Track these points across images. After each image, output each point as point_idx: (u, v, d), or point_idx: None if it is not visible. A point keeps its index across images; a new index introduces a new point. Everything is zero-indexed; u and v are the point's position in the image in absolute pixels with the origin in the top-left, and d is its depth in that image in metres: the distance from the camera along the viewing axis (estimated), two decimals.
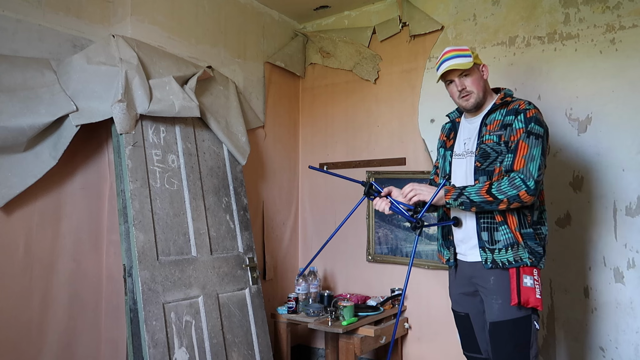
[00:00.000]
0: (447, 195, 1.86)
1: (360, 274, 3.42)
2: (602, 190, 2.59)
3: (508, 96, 1.98)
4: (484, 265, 1.89)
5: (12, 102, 2.08)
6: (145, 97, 2.35)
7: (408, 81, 3.28)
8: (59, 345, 2.33)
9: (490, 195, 1.79)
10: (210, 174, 2.73)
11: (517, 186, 1.77)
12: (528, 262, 1.82)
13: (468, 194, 1.83)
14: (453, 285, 2.11)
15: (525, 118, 1.85)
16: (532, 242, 1.85)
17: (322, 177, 3.65)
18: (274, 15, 3.57)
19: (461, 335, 2.11)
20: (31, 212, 2.25)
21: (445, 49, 1.99)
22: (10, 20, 2.18)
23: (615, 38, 2.58)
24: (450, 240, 2.07)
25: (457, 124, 2.13)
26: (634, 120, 2.52)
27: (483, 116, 1.98)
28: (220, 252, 2.64)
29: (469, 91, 1.96)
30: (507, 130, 1.88)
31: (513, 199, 1.77)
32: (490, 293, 1.89)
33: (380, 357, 3.28)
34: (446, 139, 2.16)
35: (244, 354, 2.57)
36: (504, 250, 1.85)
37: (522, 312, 1.83)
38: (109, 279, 2.53)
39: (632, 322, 2.49)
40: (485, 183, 1.83)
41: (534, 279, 1.82)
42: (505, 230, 1.85)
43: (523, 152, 1.81)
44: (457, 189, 1.86)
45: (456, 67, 1.91)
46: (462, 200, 1.84)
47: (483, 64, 1.99)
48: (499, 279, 1.87)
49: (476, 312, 2.01)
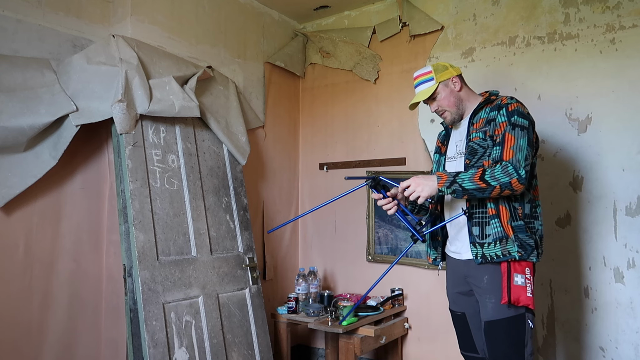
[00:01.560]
0: (440, 183, 1.84)
1: (360, 274, 3.42)
2: (602, 190, 2.59)
3: (492, 95, 2.02)
4: (474, 260, 1.90)
5: (12, 102, 2.08)
6: (145, 97, 2.35)
7: (408, 81, 3.28)
8: (59, 346, 2.33)
9: (483, 181, 1.79)
10: (210, 174, 2.73)
11: (509, 173, 1.77)
12: (517, 256, 1.82)
13: (461, 181, 1.82)
14: (450, 285, 2.13)
15: (507, 112, 1.88)
16: (524, 234, 1.84)
17: (322, 177, 3.65)
18: (274, 15, 3.57)
19: (458, 335, 2.13)
20: (31, 212, 2.25)
21: (414, 74, 2.09)
22: (10, 20, 2.18)
23: (615, 38, 2.58)
24: (438, 240, 2.13)
25: (450, 130, 2.17)
26: (634, 120, 2.52)
27: (470, 116, 2.02)
28: (220, 252, 2.64)
29: (442, 110, 2.04)
30: (492, 125, 1.91)
31: (505, 186, 1.78)
32: (483, 292, 1.91)
33: (380, 357, 3.28)
34: (441, 145, 2.20)
35: (244, 354, 2.57)
36: (492, 245, 1.86)
37: (515, 311, 1.83)
38: (109, 279, 2.53)
39: (632, 322, 2.49)
40: (478, 169, 1.83)
41: (525, 277, 1.82)
42: (496, 224, 1.86)
43: (510, 143, 1.83)
44: (450, 176, 1.84)
45: (418, 100, 2.04)
46: (454, 188, 1.83)
47: (452, 77, 2.03)
48: (491, 278, 1.88)
49: (472, 312, 2.03)
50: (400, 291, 3.16)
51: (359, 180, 2.10)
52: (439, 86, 2.01)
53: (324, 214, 3.60)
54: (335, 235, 3.56)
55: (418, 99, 2.05)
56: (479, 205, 1.91)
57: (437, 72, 2.02)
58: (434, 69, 2.03)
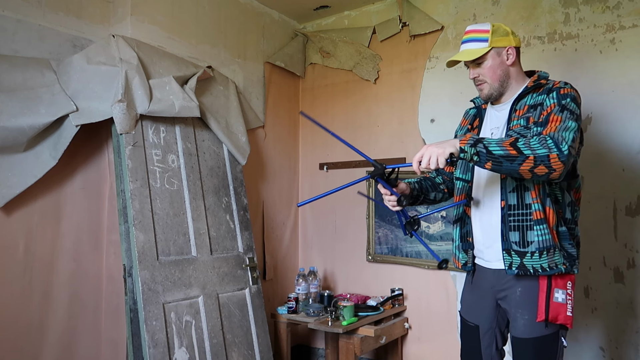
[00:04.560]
0: (462, 141, 1.52)
1: (360, 274, 3.42)
2: (602, 190, 2.59)
3: (542, 78, 1.71)
4: (507, 270, 1.65)
5: (12, 102, 2.08)
6: (145, 97, 2.35)
7: (408, 81, 3.28)
8: (59, 345, 2.33)
9: (514, 148, 1.47)
10: (210, 174, 2.73)
11: (548, 146, 1.47)
12: (562, 269, 1.60)
13: (487, 143, 1.50)
14: (468, 292, 1.89)
15: (559, 95, 1.60)
16: (567, 242, 1.63)
17: (322, 177, 3.65)
18: (274, 15, 3.57)
19: (464, 345, 1.89)
20: (31, 212, 2.25)
21: (467, 28, 1.77)
22: (10, 20, 2.18)
23: (615, 38, 2.58)
24: (469, 242, 1.82)
25: (482, 111, 1.87)
26: (634, 120, 2.52)
27: (512, 102, 1.72)
28: (220, 252, 2.64)
29: (481, 80, 1.74)
30: (537, 110, 1.62)
31: (541, 159, 1.46)
32: (516, 305, 1.68)
33: (380, 357, 3.28)
34: (469, 127, 1.89)
35: (244, 354, 2.57)
36: (537, 255, 1.59)
37: (550, 329, 1.62)
38: (109, 279, 2.53)
39: (632, 322, 2.49)
40: (510, 137, 1.55)
41: (566, 293, 1.61)
42: (543, 229, 1.59)
43: (556, 123, 1.53)
44: (474, 136, 1.53)
45: (460, 60, 1.72)
46: (478, 150, 1.49)
47: (509, 47, 1.71)
48: (527, 291, 1.65)
49: (488, 327, 1.79)
50: (400, 291, 3.16)
51: (353, 184, 1.78)
52: (490, 51, 1.69)
53: (324, 213, 3.60)
54: (335, 235, 3.56)
55: (460, 57, 1.72)
56: (519, 205, 1.63)
57: (495, 34, 1.69)
58: (492, 29, 1.70)
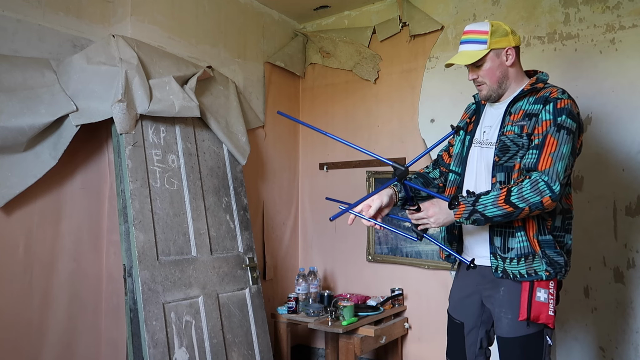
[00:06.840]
0: (457, 214, 1.59)
1: (360, 274, 3.42)
2: (602, 190, 2.59)
3: (540, 82, 1.70)
4: (493, 273, 1.70)
5: (12, 102, 2.08)
6: (145, 97, 2.35)
7: (408, 81, 3.28)
8: (59, 345, 2.33)
9: (510, 204, 1.53)
10: (210, 174, 2.73)
11: (540, 191, 1.52)
12: (544, 276, 1.62)
13: (483, 208, 1.56)
14: (456, 288, 1.94)
15: (555, 109, 1.59)
16: (551, 250, 1.63)
17: (322, 177, 3.65)
18: (274, 15, 3.57)
19: (449, 341, 1.94)
20: (31, 212, 2.25)
21: (466, 28, 1.75)
22: (10, 20, 2.18)
23: (615, 38, 2.58)
24: (454, 234, 1.85)
25: (481, 107, 1.87)
26: (634, 120, 2.52)
27: (508, 103, 1.73)
28: (220, 252, 2.64)
29: (480, 82, 1.74)
30: (532, 121, 1.62)
31: (535, 206, 1.53)
32: (499, 304, 1.71)
33: (380, 357, 3.28)
34: (468, 121, 1.89)
35: (244, 354, 2.57)
36: (515, 261, 1.64)
37: (533, 328, 1.65)
38: (109, 279, 2.53)
39: (632, 322, 2.49)
40: (501, 190, 1.56)
41: (548, 292, 1.63)
42: (522, 237, 1.64)
43: (551, 148, 1.55)
44: (468, 204, 1.57)
45: (458, 63, 1.71)
46: (475, 218, 1.57)
47: (509, 47, 1.69)
48: (509, 290, 1.68)
49: (473, 325, 1.84)
50: (400, 291, 3.16)
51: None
52: (489, 53, 1.68)
53: (324, 214, 3.60)
54: (335, 235, 3.56)
55: (458, 61, 1.70)
56: None
57: (494, 35, 1.67)
58: (492, 30, 1.67)
